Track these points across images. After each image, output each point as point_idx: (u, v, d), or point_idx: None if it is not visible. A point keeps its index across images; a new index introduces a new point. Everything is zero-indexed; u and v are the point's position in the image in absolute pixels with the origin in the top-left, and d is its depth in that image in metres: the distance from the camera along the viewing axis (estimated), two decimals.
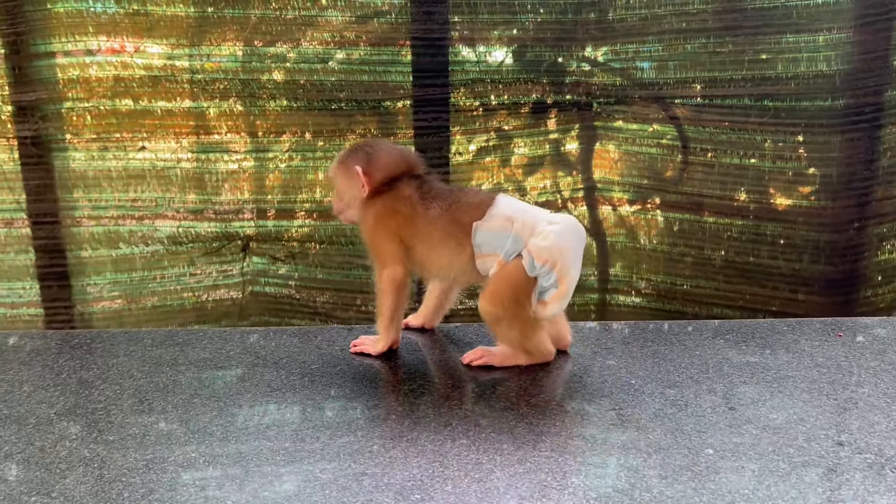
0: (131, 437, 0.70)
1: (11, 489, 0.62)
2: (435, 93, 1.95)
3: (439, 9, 1.89)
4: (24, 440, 0.70)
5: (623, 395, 0.78)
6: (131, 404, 0.77)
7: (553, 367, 0.85)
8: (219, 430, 0.72)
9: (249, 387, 0.80)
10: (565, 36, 1.96)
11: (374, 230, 0.86)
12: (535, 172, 2.12)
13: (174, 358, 0.88)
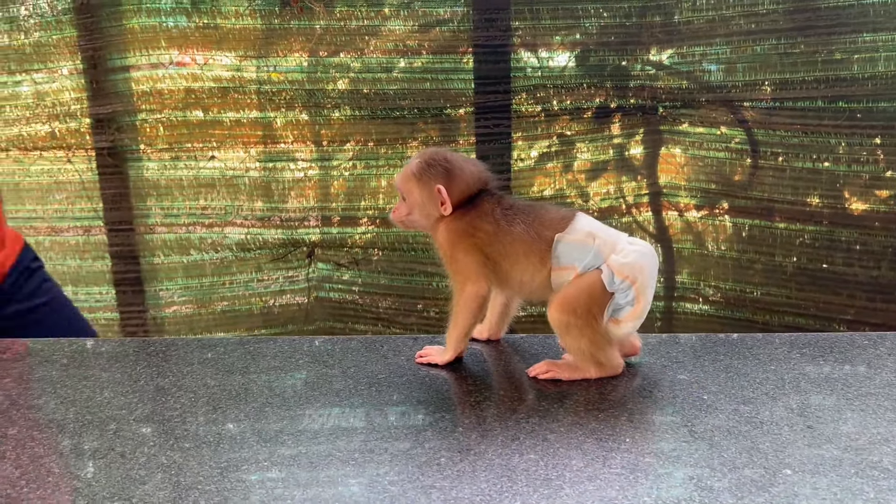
0: (206, 444, 0.72)
1: (94, 493, 0.64)
2: (497, 99, 1.96)
3: (501, 16, 1.89)
4: (106, 445, 0.72)
5: (694, 410, 0.76)
6: (205, 411, 0.79)
7: (621, 380, 0.84)
8: (290, 438, 0.73)
9: (318, 395, 0.82)
10: (629, 39, 1.93)
11: (456, 247, 0.86)
12: (598, 178, 2.10)
13: (245, 365, 0.90)
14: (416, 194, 0.88)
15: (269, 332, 2.13)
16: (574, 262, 0.82)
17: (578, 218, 0.85)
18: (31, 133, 2.06)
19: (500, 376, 0.88)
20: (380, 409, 0.78)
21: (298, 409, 0.79)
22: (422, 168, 0.87)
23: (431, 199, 0.86)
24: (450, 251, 0.87)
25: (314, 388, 0.84)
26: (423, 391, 0.82)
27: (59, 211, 2.12)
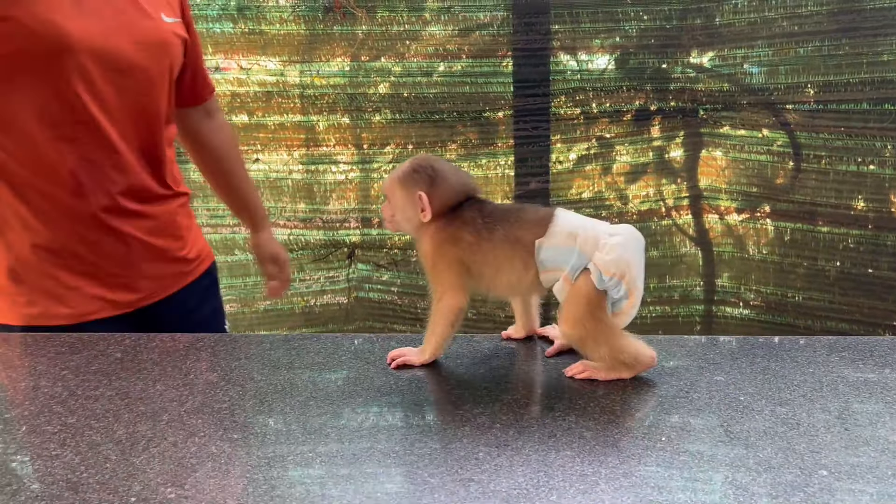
0: (253, 436, 0.75)
1: (150, 479, 0.68)
2: (536, 102, 1.97)
3: (541, 19, 1.90)
4: (160, 435, 0.76)
5: (731, 411, 0.77)
6: (253, 405, 0.82)
7: (658, 381, 0.85)
8: (333, 431, 0.75)
9: (360, 391, 0.84)
10: (670, 42, 1.93)
11: (439, 257, 0.87)
12: (637, 180, 2.10)
13: (290, 361, 0.93)
14: (399, 198, 0.90)
15: (309, 330, 2.17)
16: (560, 265, 0.83)
17: (557, 217, 0.85)
18: None
19: (536, 375, 0.89)
20: (418, 406, 0.81)
21: (340, 404, 0.81)
22: (406, 174, 0.89)
23: (412, 205, 0.88)
24: (432, 260, 0.89)
25: (355, 384, 0.86)
26: (460, 389, 0.84)
27: None
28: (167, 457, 0.72)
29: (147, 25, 1.10)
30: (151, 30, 1.10)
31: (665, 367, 0.88)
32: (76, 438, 0.76)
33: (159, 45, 1.12)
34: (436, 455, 0.70)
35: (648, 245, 2.05)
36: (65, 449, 0.74)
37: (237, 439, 0.74)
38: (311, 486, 0.66)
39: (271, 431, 0.76)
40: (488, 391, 0.84)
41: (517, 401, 0.81)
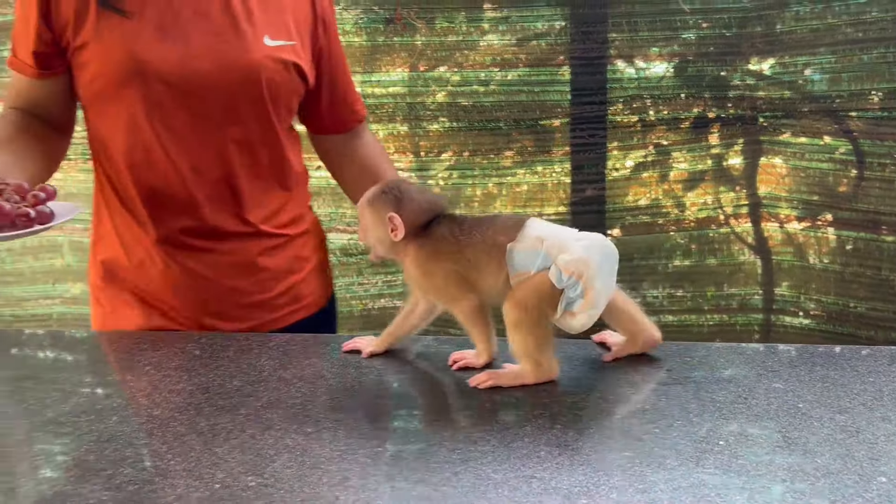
0: (326, 430, 0.79)
1: (231, 468, 0.72)
2: (592, 110, 1.99)
3: (598, 28, 1.92)
4: (238, 428, 0.81)
5: (789, 418, 0.78)
6: (324, 401, 0.86)
7: (716, 387, 0.86)
8: (400, 428, 0.79)
9: (424, 390, 0.88)
10: (729, 50, 1.93)
11: (426, 276, 0.91)
12: (695, 188, 2.10)
13: (358, 361, 0.97)
14: (369, 220, 0.93)
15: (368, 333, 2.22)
16: (528, 268, 0.87)
17: (529, 224, 0.88)
18: None
19: (596, 380, 0.91)
20: (480, 405, 0.84)
21: (405, 403, 0.85)
22: (375, 196, 0.93)
23: (383, 226, 0.91)
24: (427, 281, 0.92)
25: (419, 384, 0.90)
26: (520, 391, 0.87)
27: None
28: (246, 448, 0.76)
29: (236, 48, 1.06)
30: (240, 53, 1.06)
31: (723, 374, 0.89)
32: (162, 429, 0.81)
33: (248, 69, 1.07)
34: (498, 452, 0.74)
35: (706, 253, 2.05)
36: (153, 438, 0.79)
37: (311, 433, 0.79)
38: (379, 478, 0.70)
39: (343, 425, 0.80)
40: (548, 393, 0.87)
41: (576, 403, 0.84)
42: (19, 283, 2.36)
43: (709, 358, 0.95)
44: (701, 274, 2.09)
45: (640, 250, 2.09)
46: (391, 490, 0.68)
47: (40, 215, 0.93)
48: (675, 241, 2.10)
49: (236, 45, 1.07)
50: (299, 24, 1.14)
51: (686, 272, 2.10)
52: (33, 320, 2.38)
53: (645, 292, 2.11)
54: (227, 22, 1.07)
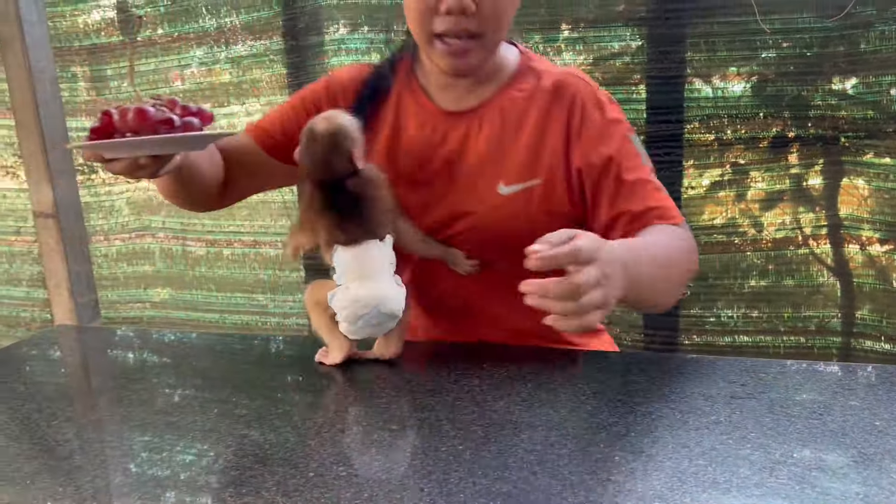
0: (410, 428, 0.84)
1: (324, 459, 0.78)
2: (669, 129, 1.99)
3: (676, 48, 1.93)
4: (328, 424, 0.86)
5: (865, 434, 0.79)
6: (408, 400, 0.91)
7: (790, 403, 0.87)
8: (479, 429, 0.83)
9: (503, 395, 0.92)
10: (810, 70, 1.91)
11: None
12: (773, 208, 2.08)
13: (437, 365, 1.02)
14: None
15: None
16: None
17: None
18: None
19: (670, 391, 0.94)
20: (556, 411, 0.87)
21: (484, 405, 0.89)
22: None
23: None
24: None
25: (500, 388, 0.94)
26: (595, 399, 0.90)
27: (262, 227, 2.39)
28: (337, 441, 0.82)
29: (469, 199, 1.13)
30: (472, 203, 1.13)
31: (797, 391, 0.90)
32: (260, 421, 0.88)
33: (478, 222, 1.13)
34: (574, 455, 0.77)
35: (783, 273, 2.03)
36: (251, 429, 0.86)
37: (396, 430, 0.84)
38: (463, 474, 0.74)
39: (426, 425, 0.85)
40: (623, 403, 0.89)
41: (650, 413, 0.86)
42: (114, 288, 2.52)
43: (783, 375, 0.95)
44: (778, 295, 2.06)
45: (715, 270, 2.08)
46: (472, 485, 0.72)
47: (186, 126, 0.89)
48: (751, 261, 2.08)
49: (473, 195, 1.14)
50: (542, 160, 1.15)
51: (762, 293, 2.07)
52: (124, 322, 2.53)
53: (720, 312, 2.10)
54: (474, 168, 1.14)
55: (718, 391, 0.91)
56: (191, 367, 1.09)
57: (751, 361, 0.99)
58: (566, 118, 1.12)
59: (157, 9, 2.31)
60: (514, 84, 1.16)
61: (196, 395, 0.97)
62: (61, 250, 1.74)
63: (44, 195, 1.72)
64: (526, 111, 1.13)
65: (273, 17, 2.20)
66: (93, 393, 1.02)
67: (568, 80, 1.14)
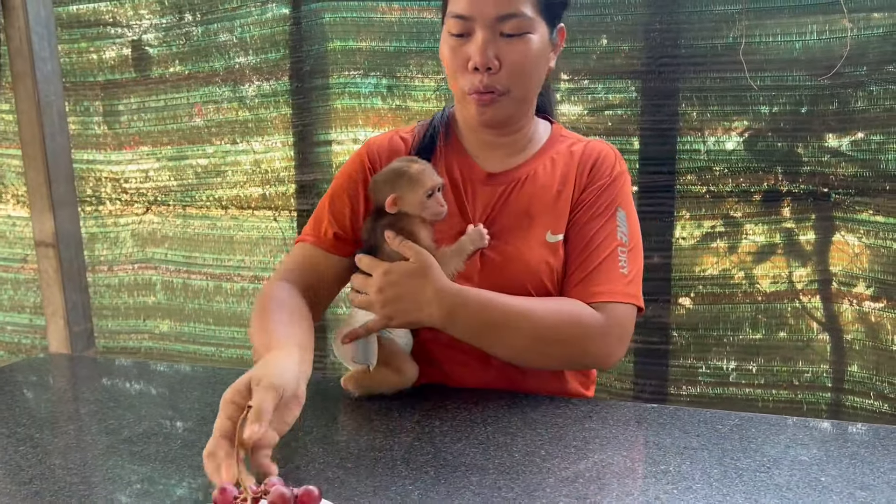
0: (364, 466, 0.86)
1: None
2: (661, 179, 2.02)
3: (669, 102, 1.97)
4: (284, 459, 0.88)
5: (809, 490, 0.79)
6: (367, 440, 0.93)
7: (741, 455, 0.88)
8: (432, 469, 0.85)
9: (461, 437, 0.93)
10: (801, 126, 1.94)
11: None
12: (765, 260, 2.09)
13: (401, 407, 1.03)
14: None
15: None
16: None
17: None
18: (246, 195, 2.40)
19: (627, 441, 0.94)
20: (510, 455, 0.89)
21: (445, 445, 0.91)
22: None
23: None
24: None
25: (459, 430, 0.95)
26: (550, 445, 0.91)
27: (262, 262, 2.43)
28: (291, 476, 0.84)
29: (505, 252, 1.17)
30: (514, 257, 1.16)
31: (751, 444, 0.91)
32: None
33: (517, 269, 1.16)
34: (519, 500, 0.78)
35: (774, 327, 2.03)
36: None
37: (349, 468, 0.86)
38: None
39: (380, 464, 0.86)
40: (577, 449, 0.90)
41: (602, 461, 0.87)
42: (114, 318, 2.56)
43: (739, 427, 0.96)
44: (769, 348, 2.06)
45: (706, 321, 2.08)
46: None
47: None
48: (742, 313, 2.09)
49: (521, 244, 1.17)
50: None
51: (754, 345, 2.07)
52: (122, 352, 2.57)
53: (710, 363, 2.10)
54: (521, 215, 1.20)
55: (673, 441, 0.92)
56: (162, 397, 1.12)
57: (710, 413, 1.00)
58: (584, 181, 1.20)
59: (171, 48, 2.39)
60: (547, 150, 1.23)
61: (161, 426, 0.99)
62: (59, 279, 1.78)
63: (45, 225, 1.78)
64: (558, 171, 1.21)
65: (281, 59, 2.27)
66: (66, 420, 1.05)
67: (594, 146, 1.24)
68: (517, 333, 1.07)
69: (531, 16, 1.09)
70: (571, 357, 1.12)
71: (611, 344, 1.11)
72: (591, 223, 1.17)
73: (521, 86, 1.13)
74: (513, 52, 1.09)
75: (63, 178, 1.81)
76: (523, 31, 1.09)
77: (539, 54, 1.12)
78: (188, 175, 2.44)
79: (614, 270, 1.14)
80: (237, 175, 2.40)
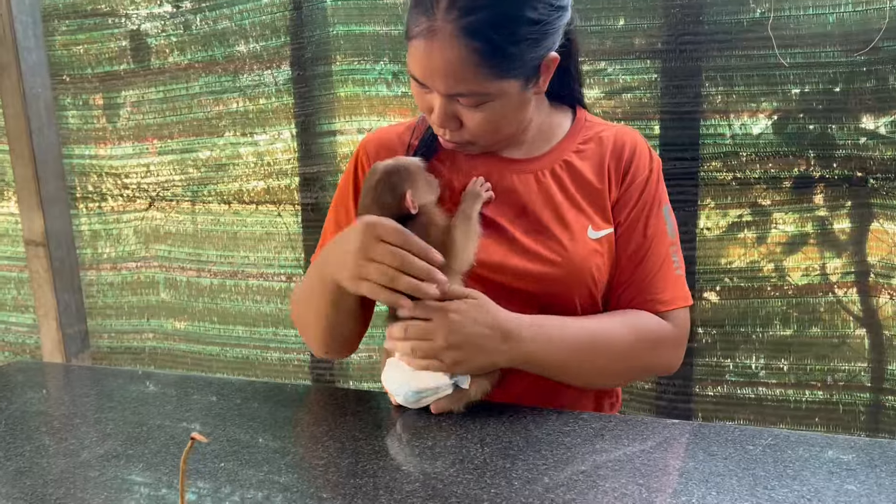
0: (341, 497, 0.75)
1: None
2: (683, 166, 1.90)
3: (691, 83, 1.84)
4: (253, 487, 0.78)
5: None
6: (349, 463, 0.83)
7: (776, 484, 0.76)
8: (419, 501, 0.74)
9: (454, 461, 0.83)
10: (835, 107, 1.80)
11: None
12: (796, 252, 1.95)
13: (390, 424, 0.93)
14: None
15: None
16: None
17: None
18: (249, 189, 2.31)
19: (645, 466, 0.84)
20: (509, 483, 0.78)
21: (436, 471, 0.80)
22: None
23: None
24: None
25: (453, 452, 0.85)
26: (555, 470, 0.81)
27: (266, 259, 2.34)
28: None
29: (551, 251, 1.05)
30: (553, 256, 1.04)
31: (788, 468, 0.79)
32: None
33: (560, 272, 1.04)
34: None
35: (806, 323, 1.89)
36: (172, 489, 0.78)
37: (325, 498, 0.75)
38: None
39: (359, 494, 0.76)
40: (584, 475, 0.79)
41: (613, 490, 0.76)
42: (118, 317, 2.48)
43: (774, 448, 0.84)
44: (801, 345, 1.92)
45: (733, 316, 1.95)
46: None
47: None
48: (772, 308, 1.96)
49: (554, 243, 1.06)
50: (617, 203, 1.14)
51: (784, 342, 1.94)
52: (126, 353, 2.49)
53: (738, 361, 1.97)
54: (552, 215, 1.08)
55: (696, 465, 0.81)
56: (133, 412, 1.03)
57: (738, 430, 0.88)
58: (621, 176, 1.11)
59: (169, 37, 2.31)
60: (573, 137, 1.13)
61: (120, 451, 0.89)
62: (50, 279, 1.70)
63: (35, 223, 1.70)
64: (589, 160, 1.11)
65: (281, 46, 2.17)
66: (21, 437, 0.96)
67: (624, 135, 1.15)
68: (599, 357, 1.01)
69: (487, 91, 0.97)
70: (646, 372, 1.13)
71: (681, 351, 1.10)
72: (639, 225, 1.09)
73: (490, 139, 1.05)
74: (473, 118, 1.00)
75: (52, 175, 1.73)
76: (480, 103, 0.99)
77: (504, 113, 1.01)
78: (189, 169, 2.35)
79: (671, 273, 1.09)
80: (239, 168, 2.31)
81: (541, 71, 1.02)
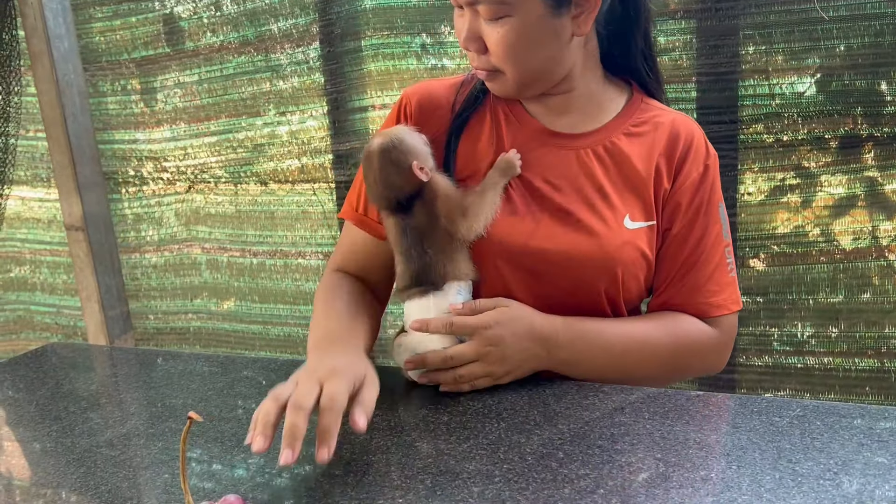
0: (353, 474, 0.75)
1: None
2: (721, 129, 1.83)
3: (728, 41, 1.77)
4: (263, 467, 0.78)
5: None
6: (362, 441, 0.82)
7: (801, 457, 0.73)
8: (429, 478, 0.74)
9: (468, 436, 0.82)
10: (883, 61, 1.71)
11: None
12: (844, 215, 1.88)
13: (407, 399, 0.92)
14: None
15: None
16: None
17: None
18: (284, 168, 2.33)
19: (666, 439, 0.81)
20: (523, 459, 0.77)
21: (450, 447, 0.79)
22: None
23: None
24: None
25: (468, 427, 0.84)
26: (571, 445, 0.79)
27: (304, 238, 2.36)
28: (269, 485, 0.74)
29: (582, 234, 1.00)
30: (584, 239, 0.99)
31: (816, 440, 0.76)
32: (199, 461, 0.81)
33: (590, 257, 0.99)
34: None
35: (856, 288, 1.82)
36: (190, 465, 0.79)
37: (337, 475, 0.75)
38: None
39: (371, 471, 0.76)
40: (601, 449, 0.77)
41: (630, 464, 0.74)
42: (162, 298, 2.54)
43: (802, 419, 0.81)
44: (850, 312, 1.85)
45: (778, 283, 1.88)
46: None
47: None
48: (819, 274, 1.88)
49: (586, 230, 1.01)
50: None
51: (832, 309, 1.87)
52: (172, 333, 2.55)
53: (784, 331, 1.91)
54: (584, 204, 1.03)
55: (718, 439, 0.78)
56: (158, 393, 1.04)
57: (766, 401, 0.85)
58: (673, 169, 1.05)
59: (201, 19, 2.32)
60: (625, 118, 1.07)
61: (143, 428, 0.91)
62: (91, 263, 1.74)
63: (74, 209, 1.74)
64: (638, 145, 1.05)
65: (310, 23, 2.16)
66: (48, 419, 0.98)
67: (680, 125, 1.08)
68: (637, 363, 1.00)
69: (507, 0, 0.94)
70: (686, 376, 1.15)
71: (725, 356, 1.07)
72: (694, 228, 1.04)
73: (513, 68, 1.00)
74: (492, 35, 0.97)
75: (88, 160, 1.76)
76: (498, 16, 0.96)
77: (526, 36, 0.97)
78: (226, 150, 2.38)
79: (724, 277, 1.05)
80: (274, 148, 2.32)
81: (574, 1, 0.97)
